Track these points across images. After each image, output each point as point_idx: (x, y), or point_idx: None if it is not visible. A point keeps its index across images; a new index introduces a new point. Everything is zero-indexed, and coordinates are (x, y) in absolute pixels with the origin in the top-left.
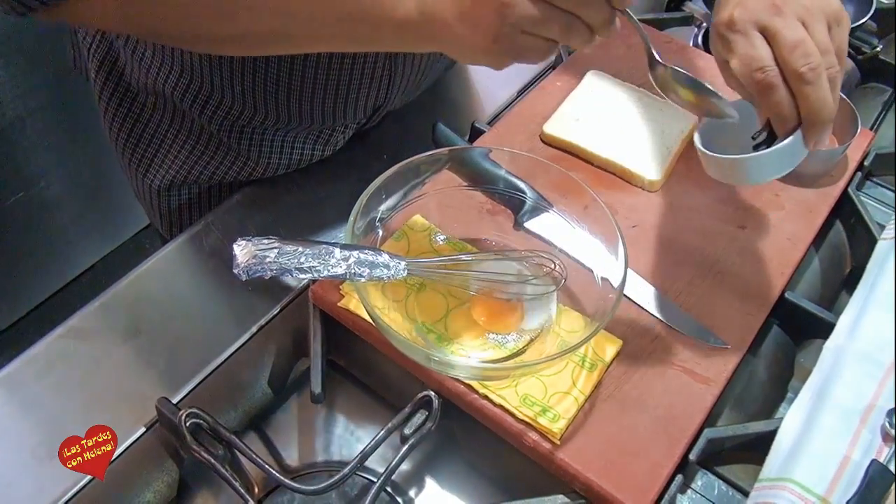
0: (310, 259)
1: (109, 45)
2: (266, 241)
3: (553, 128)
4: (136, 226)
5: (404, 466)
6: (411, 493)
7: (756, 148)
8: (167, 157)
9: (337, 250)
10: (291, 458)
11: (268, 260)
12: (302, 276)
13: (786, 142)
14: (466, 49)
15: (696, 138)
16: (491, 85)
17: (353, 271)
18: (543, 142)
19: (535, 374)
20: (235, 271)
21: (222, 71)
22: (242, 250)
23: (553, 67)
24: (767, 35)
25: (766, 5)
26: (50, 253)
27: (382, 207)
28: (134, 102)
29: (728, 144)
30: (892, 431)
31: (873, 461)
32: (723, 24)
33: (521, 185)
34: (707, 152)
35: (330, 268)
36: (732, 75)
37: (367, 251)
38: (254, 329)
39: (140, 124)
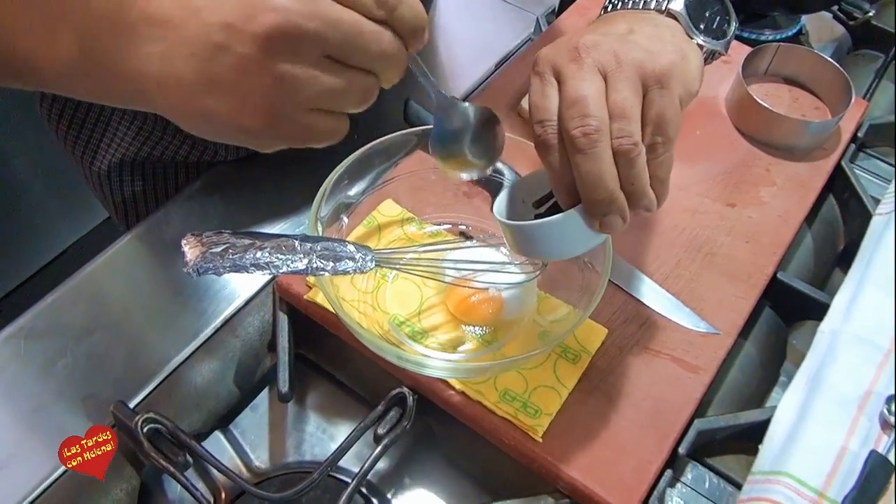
0: (266, 254)
1: None
2: (217, 236)
3: None
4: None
5: (380, 465)
6: (388, 493)
7: (537, 216)
8: (113, 140)
9: (297, 243)
10: (261, 459)
11: (219, 257)
12: (259, 273)
13: (558, 216)
14: (221, 129)
15: (500, 201)
16: (466, 58)
17: (315, 265)
18: (522, 117)
19: (515, 368)
20: (185, 270)
21: None
22: (191, 247)
23: (531, 38)
24: (559, 83)
25: (569, 48)
26: (16, 240)
27: (350, 193)
28: None
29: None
30: (892, 419)
31: (872, 452)
32: (532, 62)
33: (499, 164)
34: (498, 215)
35: (290, 263)
36: None
37: (330, 243)
38: (217, 323)
39: (82, 109)
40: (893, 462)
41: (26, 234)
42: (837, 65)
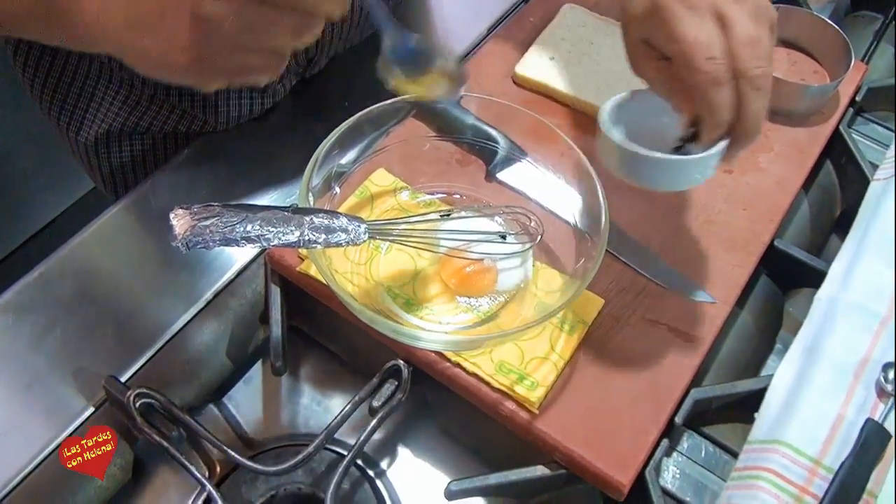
0: (257, 227)
1: None
2: (207, 209)
3: (526, 68)
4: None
5: (375, 436)
6: (383, 464)
7: (676, 151)
8: (99, 111)
9: (288, 215)
10: (255, 431)
11: (209, 230)
12: (250, 246)
13: (717, 148)
14: (156, 65)
15: (607, 116)
16: (458, 23)
17: (307, 238)
18: (516, 84)
19: (511, 340)
20: (174, 244)
21: None
22: (180, 220)
23: (525, 1)
24: (723, 24)
25: None
26: (1, 212)
27: (341, 162)
28: (55, 58)
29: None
30: (889, 387)
31: (868, 420)
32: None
33: (493, 132)
34: (621, 143)
35: (281, 236)
36: (654, 60)
37: (322, 215)
38: (209, 296)
39: (65, 81)
40: (890, 430)
41: (11, 205)
42: (837, 27)
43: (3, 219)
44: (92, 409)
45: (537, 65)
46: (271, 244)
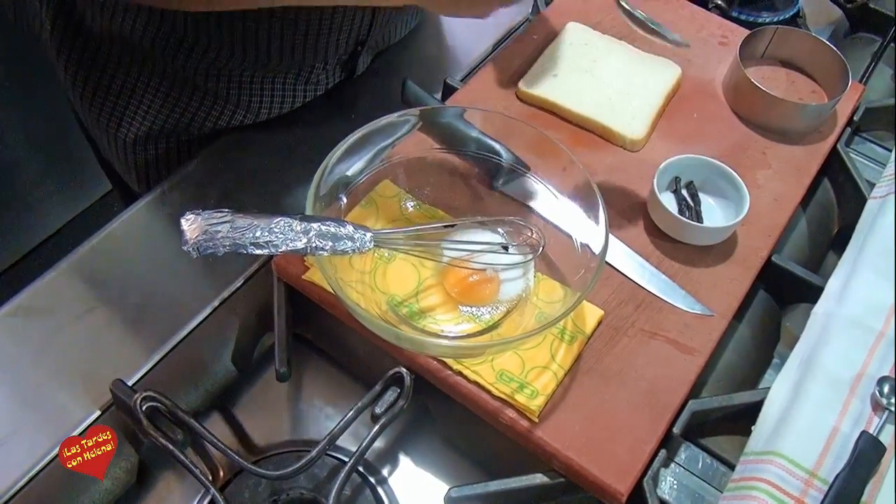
0: (266, 233)
1: None
2: (217, 215)
3: (529, 84)
4: (103, 187)
5: (377, 444)
6: (384, 471)
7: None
8: (140, 108)
9: (296, 222)
10: (258, 438)
11: (219, 235)
12: (258, 251)
13: (737, 220)
14: None
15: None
16: (464, 39)
17: (314, 245)
18: (520, 99)
19: (512, 349)
20: (185, 248)
21: (196, 12)
22: (191, 225)
23: (530, 19)
24: None
25: None
26: (9, 219)
27: (348, 173)
28: (97, 53)
29: None
30: (884, 400)
31: (863, 433)
32: None
33: (497, 146)
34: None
35: (288, 242)
36: None
37: (329, 223)
38: (215, 303)
39: (106, 76)
40: (885, 443)
41: (20, 213)
42: (835, 48)
43: (11, 227)
44: (98, 413)
45: (540, 81)
46: (279, 250)
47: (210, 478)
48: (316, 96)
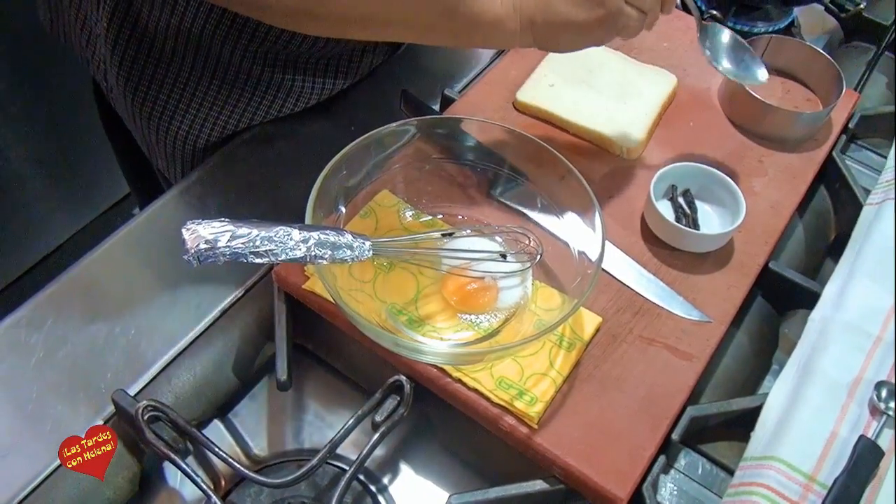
0: (266, 242)
1: None
2: (218, 224)
3: (527, 95)
4: (106, 201)
5: (377, 452)
6: (385, 479)
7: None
8: (192, 103)
9: (295, 231)
10: (260, 447)
11: (220, 245)
12: (258, 260)
13: (733, 227)
14: (572, 31)
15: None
16: (462, 51)
17: (313, 254)
18: (517, 109)
19: (511, 355)
20: (185, 258)
21: None
22: (192, 235)
23: None
24: None
25: None
26: (12, 233)
27: (347, 183)
28: (152, 49)
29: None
30: (882, 405)
31: (861, 437)
32: None
33: (494, 155)
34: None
35: (288, 251)
36: None
37: (328, 231)
38: (216, 313)
39: (161, 70)
40: (883, 447)
41: (24, 227)
42: (829, 57)
43: (15, 241)
44: (100, 423)
45: (538, 91)
46: (279, 259)
47: (212, 486)
48: (362, 76)
